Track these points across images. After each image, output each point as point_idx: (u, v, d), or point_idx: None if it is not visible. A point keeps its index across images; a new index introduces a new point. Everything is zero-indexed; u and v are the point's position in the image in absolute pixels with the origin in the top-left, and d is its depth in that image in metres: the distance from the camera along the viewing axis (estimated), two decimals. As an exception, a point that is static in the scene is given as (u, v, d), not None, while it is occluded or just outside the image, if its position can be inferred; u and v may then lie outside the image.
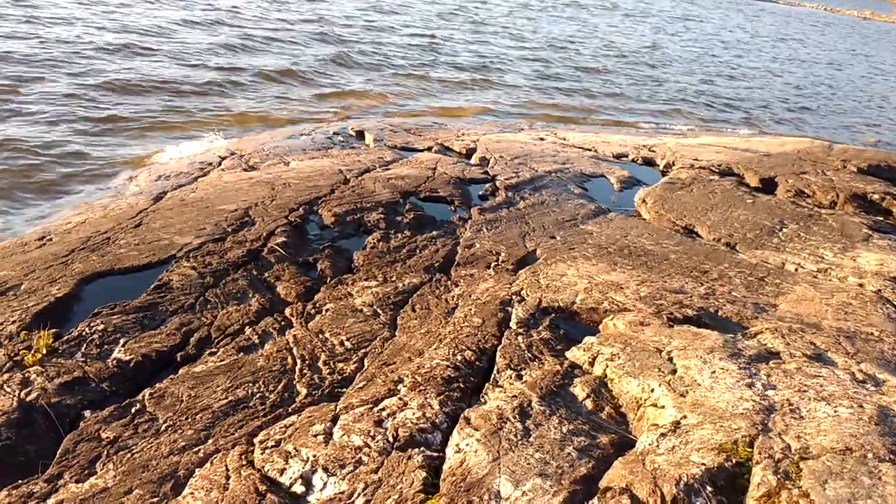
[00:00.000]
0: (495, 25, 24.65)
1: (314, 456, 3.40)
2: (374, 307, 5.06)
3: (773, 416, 3.70)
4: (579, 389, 4.10)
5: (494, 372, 4.28)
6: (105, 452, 3.45)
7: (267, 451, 3.46)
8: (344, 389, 4.07)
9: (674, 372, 4.15)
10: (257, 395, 3.96)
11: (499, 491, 3.19)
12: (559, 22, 29.02)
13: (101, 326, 4.44)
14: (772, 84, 23.07)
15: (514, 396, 3.93)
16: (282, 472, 3.33)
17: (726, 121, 16.62)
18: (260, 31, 16.49)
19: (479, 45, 20.35)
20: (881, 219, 8.29)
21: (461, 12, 25.87)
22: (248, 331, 4.63)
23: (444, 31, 21.54)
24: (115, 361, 4.14)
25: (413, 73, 15.91)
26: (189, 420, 3.71)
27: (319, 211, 6.70)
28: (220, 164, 8.23)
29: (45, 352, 4.10)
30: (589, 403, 3.99)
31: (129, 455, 3.43)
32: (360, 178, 7.77)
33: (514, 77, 17.13)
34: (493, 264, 5.98)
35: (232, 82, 12.55)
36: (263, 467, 3.36)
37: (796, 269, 6.43)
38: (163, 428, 3.65)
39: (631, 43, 26.54)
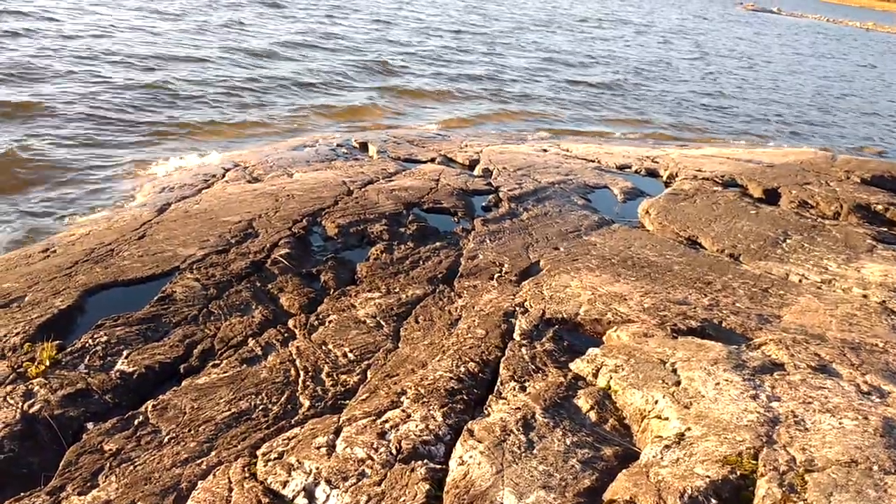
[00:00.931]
0: (511, 43, 24.59)
1: (317, 468, 3.38)
2: (378, 318, 5.06)
3: (777, 427, 3.68)
4: (583, 401, 4.09)
5: (498, 384, 4.27)
6: (107, 465, 3.44)
7: (270, 464, 3.45)
8: (347, 401, 4.06)
9: (678, 383, 4.14)
10: (260, 407, 3.96)
11: (502, 503, 3.17)
12: (612, 41, 29.10)
13: (105, 338, 4.44)
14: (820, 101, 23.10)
15: (518, 408, 3.92)
16: (284, 484, 3.31)
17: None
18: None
19: (506, 69, 20.04)
20: (885, 229, 8.27)
21: (483, 37, 25.64)
22: (251, 342, 4.62)
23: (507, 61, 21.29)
24: (118, 373, 4.13)
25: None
26: (192, 432, 3.71)
27: (323, 222, 6.71)
28: (224, 175, 8.25)
29: (48, 364, 4.10)
30: (593, 415, 3.97)
31: (131, 467, 3.43)
32: (363, 189, 7.78)
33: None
34: (496, 275, 5.98)
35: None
36: (266, 479, 3.35)
37: (800, 280, 6.41)
38: (165, 440, 3.64)
39: (678, 61, 26.64)
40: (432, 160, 9.63)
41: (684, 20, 47.06)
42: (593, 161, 10.52)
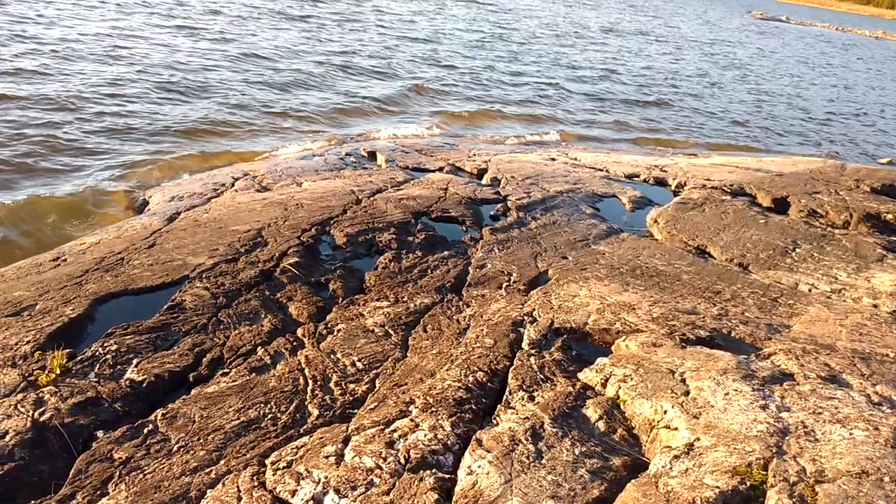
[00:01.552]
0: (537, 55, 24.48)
1: (326, 477, 3.39)
2: (386, 328, 5.07)
3: (787, 438, 3.67)
4: (592, 411, 4.09)
5: (506, 393, 4.27)
6: (117, 473, 3.46)
7: (279, 473, 3.46)
8: (355, 410, 4.07)
9: (687, 393, 4.13)
10: (269, 416, 3.97)
11: (511, 513, 3.17)
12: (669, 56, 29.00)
13: (115, 347, 4.46)
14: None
15: (527, 418, 3.92)
16: (293, 493, 3.32)
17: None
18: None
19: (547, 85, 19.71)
20: (895, 239, 8.25)
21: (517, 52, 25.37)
22: (260, 351, 4.64)
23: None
24: (128, 382, 4.16)
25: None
26: (201, 441, 3.72)
27: (332, 231, 6.73)
28: (233, 184, 8.29)
29: (58, 372, 4.13)
30: (601, 425, 3.97)
31: (141, 476, 3.44)
32: (371, 198, 7.81)
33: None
34: (504, 285, 5.98)
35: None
36: (275, 489, 3.36)
37: (810, 290, 6.39)
38: (175, 448, 3.65)
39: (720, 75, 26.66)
40: (440, 169, 9.65)
41: (706, 31, 47.00)
42: (601, 170, 10.52)
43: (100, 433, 3.74)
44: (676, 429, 3.82)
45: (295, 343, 4.79)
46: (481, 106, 15.89)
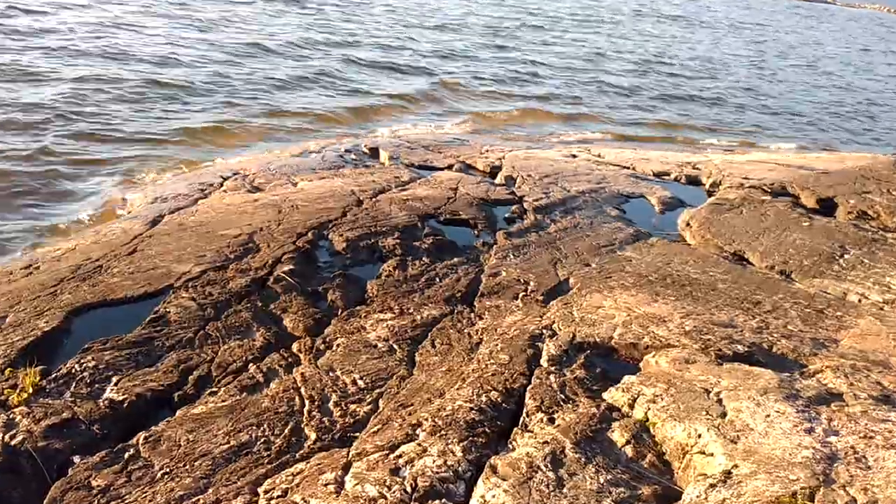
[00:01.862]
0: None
1: (324, 508, 3.39)
2: (390, 342, 5.07)
3: (835, 465, 3.65)
4: (618, 435, 4.07)
5: (523, 415, 4.26)
6: (96, 502, 3.47)
7: (272, 502, 3.46)
8: (357, 434, 4.07)
9: (723, 415, 4.11)
10: (262, 440, 3.97)
11: (529, 548, 3.16)
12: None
13: (92, 363, 4.48)
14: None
15: (546, 442, 3.91)
16: (288, 525, 3.32)
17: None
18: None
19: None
20: (955, 243, 8.20)
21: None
22: (251, 368, 4.65)
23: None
24: (106, 402, 4.17)
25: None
26: (187, 467, 3.73)
27: (330, 235, 6.75)
28: (222, 184, 8.33)
29: (31, 391, 4.15)
30: (629, 450, 3.96)
31: (121, 505, 3.45)
32: (374, 199, 7.83)
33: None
34: (521, 295, 5.98)
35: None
36: (268, 520, 3.36)
37: (860, 300, 6.36)
38: (158, 475, 3.66)
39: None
40: (450, 167, 9.68)
41: (749, 15, 46.99)
42: (627, 168, 10.52)
43: (76, 458, 3.75)
44: (712, 454, 3.81)
45: (290, 359, 4.80)
46: (513, 104, 15.98)
